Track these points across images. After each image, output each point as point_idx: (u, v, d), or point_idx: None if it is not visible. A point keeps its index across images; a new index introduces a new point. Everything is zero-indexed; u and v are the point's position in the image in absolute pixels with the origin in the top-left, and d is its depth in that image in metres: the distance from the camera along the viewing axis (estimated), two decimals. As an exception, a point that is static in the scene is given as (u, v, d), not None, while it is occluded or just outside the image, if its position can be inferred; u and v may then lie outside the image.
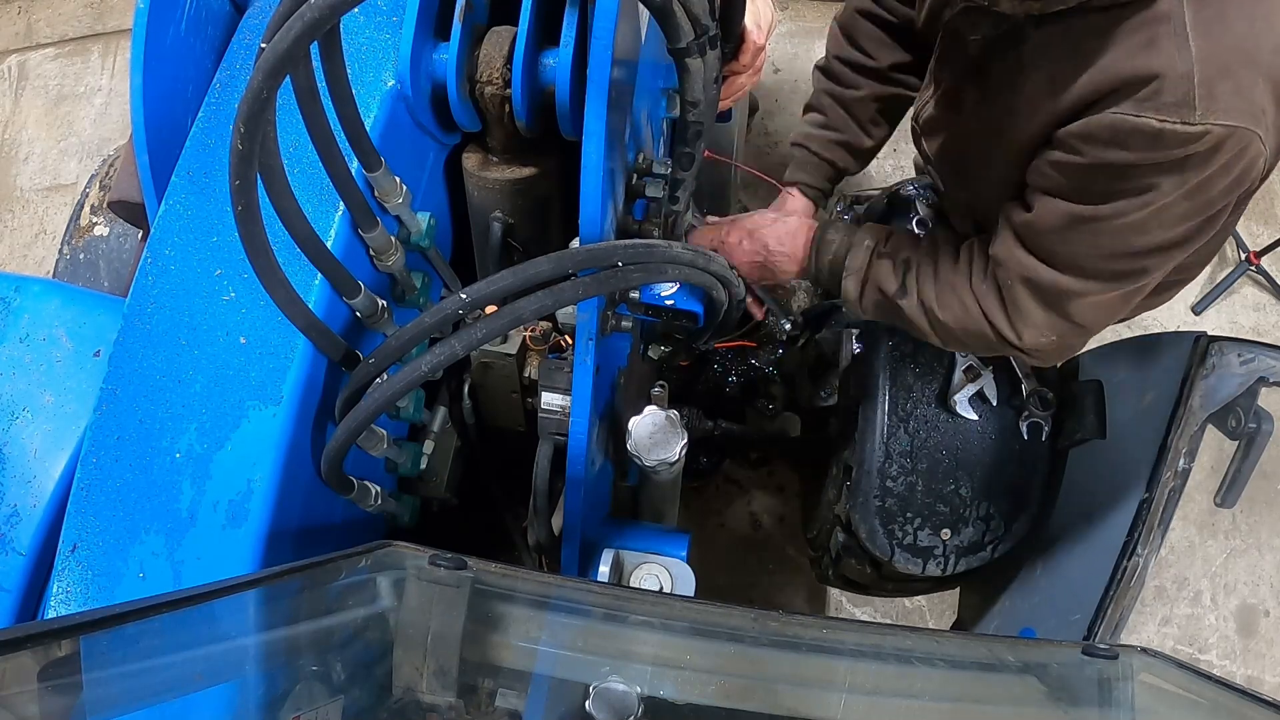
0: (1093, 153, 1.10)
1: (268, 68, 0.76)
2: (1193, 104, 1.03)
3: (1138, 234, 1.15)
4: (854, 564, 1.73)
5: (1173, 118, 1.03)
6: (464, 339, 1.00)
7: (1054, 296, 1.25)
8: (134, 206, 1.41)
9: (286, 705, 0.94)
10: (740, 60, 1.35)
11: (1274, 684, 2.43)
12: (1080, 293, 1.23)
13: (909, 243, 1.42)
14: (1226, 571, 2.54)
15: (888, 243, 1.42)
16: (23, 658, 0.66)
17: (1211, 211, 1.15)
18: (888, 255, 1.40)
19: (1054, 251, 1.22)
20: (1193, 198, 1.11)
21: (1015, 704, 1.16)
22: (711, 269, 1.17)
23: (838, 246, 1.44)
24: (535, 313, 1.02)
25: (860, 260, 1.42)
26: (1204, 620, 2.50)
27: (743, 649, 1.13)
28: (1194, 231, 1.17)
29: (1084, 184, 1.15)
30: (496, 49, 1.16)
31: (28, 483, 1.20)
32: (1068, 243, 1.20)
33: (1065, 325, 1.28)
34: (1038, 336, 1.29)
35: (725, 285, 1.22)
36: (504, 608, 1.12)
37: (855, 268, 1.42)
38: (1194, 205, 1.13)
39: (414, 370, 1.01)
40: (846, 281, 1.43)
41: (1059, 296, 1.24)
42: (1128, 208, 1.12)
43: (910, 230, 1.52)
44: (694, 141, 1.17)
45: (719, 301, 1.26)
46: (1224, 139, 1.04)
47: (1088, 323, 1.28)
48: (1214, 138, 1.04)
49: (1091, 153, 1.11)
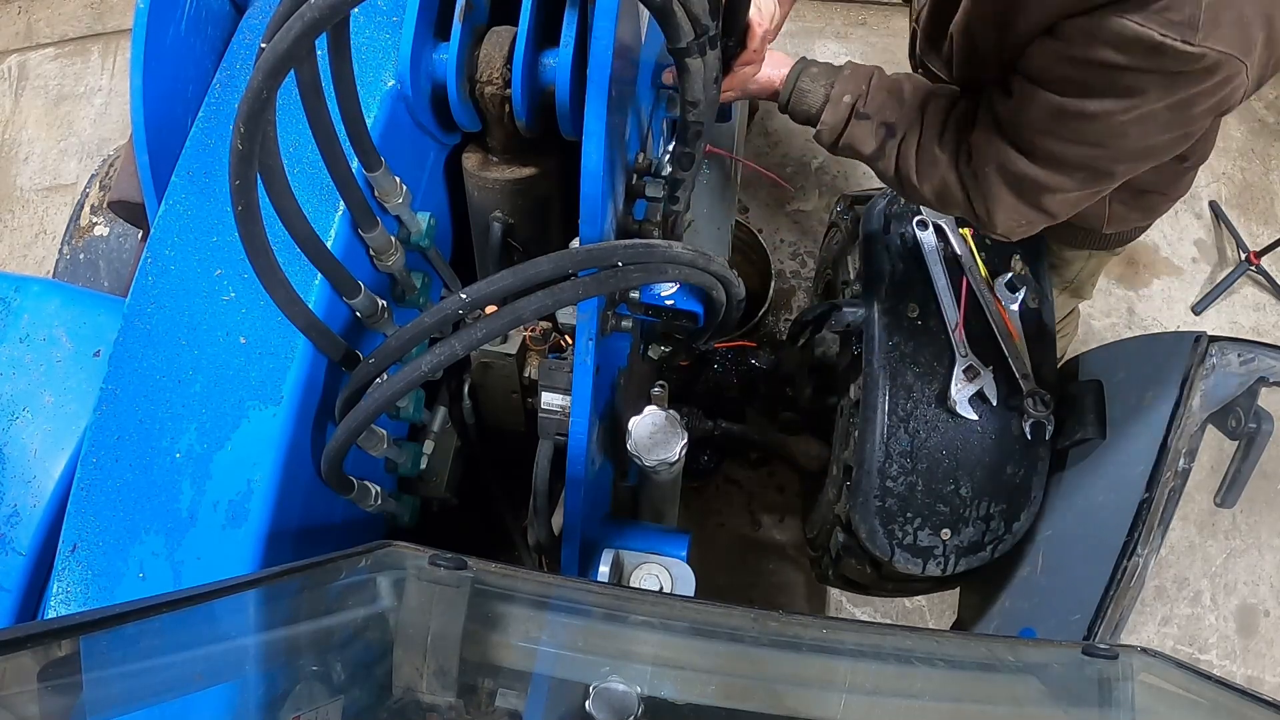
0: (1092, 50, 1.14)
1: (268, 67, 0.76)
2: (1197, 26, 1.07)
3: (1117, 137, 1.20)
4: (854, 564, 1.73)
5: (1175, 35, 1.07)
6: (464, 339, 1.00)
7: (1027, 187, 1.30)
8: (134, 206, 1.41)
9: (286, 705, 0.94)
10: (748, 48, 1.35)
11: (1274, 684, 2.43)
12: (1052, 188, 1.29)
13: (892, 101, 1.40)
14: (1226, 571, 2.54)
15: (868, 99, 1.40)
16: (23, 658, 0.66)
17: (1190, 128, 1.21)
18: (867, 117, 1.39)
19: (1033, 144, 1.26)
20: (1175, 111, 1.16)
21: (1015, 704, 1.16)
22: (711, 269, 1.17)
23: (812, 98, 1.42)
24: (535, 313, 1.02)
25: (837, 117, 1.41)
26: (1204, 620, 2.50)
27: (743, 649, 1.13)
28: (1169, 144, 1.24)
29: (1076, 77, 1.18)
30: (496, 49, 1.16)
31: (28, 483, 1.20)
32: (1048, 136, 1.24)
33: (1035, 213, 1.34)
34: (1008, 220, 1.35)
35: (725, 285, 1.22)
36: (504, 608, 1.12)
37: (831, 124, 1.42)
38: (1175, 118, 1.18)
39: (414, 370, 1.01)
40: (820, 133, 1.43)
41: (1032, 188, 1.30)
42: (1114, 108, 1.16)
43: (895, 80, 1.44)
44: (694, 141, 1.17)
45: (719, 301, 1.26)
46: (1217, 64, 1.10)
47: (1056, 212, 1.35)
48: (1209, 61, 1.09)
49: (1091, 49, 1.14)
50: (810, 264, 2.85)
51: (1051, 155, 1.26)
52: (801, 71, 1.43)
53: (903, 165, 1.39)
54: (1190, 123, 1.20)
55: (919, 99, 1.42)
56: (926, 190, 1.39)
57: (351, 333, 1.13)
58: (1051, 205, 1.33)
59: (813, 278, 2.54)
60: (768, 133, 3.02)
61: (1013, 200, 1.33)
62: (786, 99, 1.44)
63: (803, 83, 1.43)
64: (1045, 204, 1.32)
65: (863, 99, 1.40)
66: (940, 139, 1.38)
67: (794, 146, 3.01)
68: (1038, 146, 1.27)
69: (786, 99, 1.44)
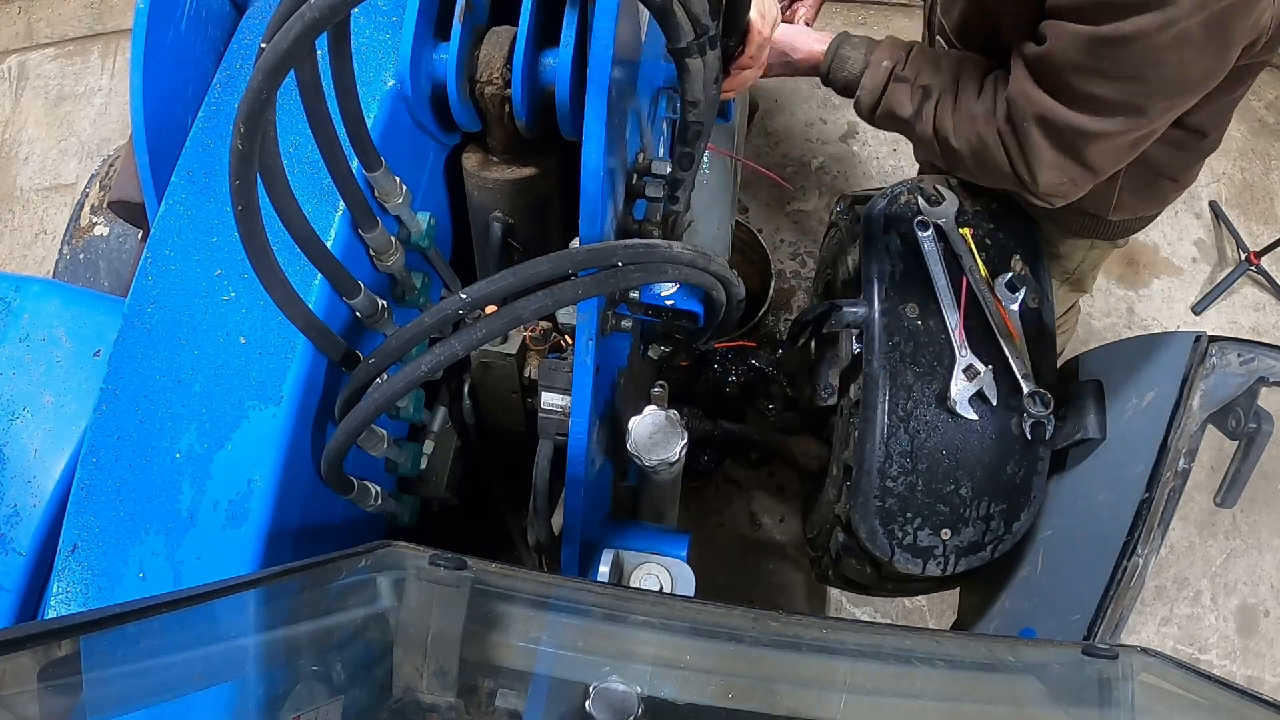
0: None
1: (268, 67, 0.76)
2: None
3: (1154, 65, 1.19)
4: (854, 564, 1.73)
5: None
6: (464, 339, 1.00)
7: (1068, 137, 1.29)
8: (134, 206, 1.41)
9: (286, 705, 0.94)
10: (746, 53, 1.36)
11: (1274, 684, 2.43)
12: (1094, 133, 1.27)
13: (929, 66, 1.44)
14: (1226, 571, 2.54)
15: (907, 64, 1.45)
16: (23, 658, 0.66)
17: (1225, 53, 1.19)
18: (905, 80, 1.44)
19: (1070, 85, 1.25)
20: (1209, 28, 1.15)
21: (1015, 704, 1.16)
22: (711, 269, 1.17)
23: (852, 64, 1.48)
24: (535, 313, 1.02)
25: (876, 80, 1.46)
26: (1204, 620, 2.50)
27: (743, 649, 1.13)
28: (1205, 74, 1.22)
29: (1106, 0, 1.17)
30: (496, 49, 1.16)
31: (28, 483, 1.20)
32: (1085, 75, 1.23)
33: (1078, 169, 1.33)
34: (1051, 178, 1.34)
35: (725, 285, 1.22)
36: (504, 608, 1.12)
37: (870, 86, 1.46)
38: (1210, 40, 1.16)
39: (414, 370, 1.01)
40: (860, 97, 1.48)
41: (1073, 137, 1.28)
42: (1148, 25, 1.14)
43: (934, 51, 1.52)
44: (694, 141, 1.17)
45: (719, 301, 1.26)
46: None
47: (1098, 165, 1.33)
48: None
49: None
50: (810, 264, 2.85)
51: (1090, 96, 1.25)
52: (842, 41, 1.50)
53: (940, 126, 1.41)
54: (1226, 47, 1.18)
55: (955, 62, 1.45)
56: (965, 151, 1.40)
57: (351, 333, 1.13)
58: (1094, 156, 1.31)
59: (813, 278, 2.54)
60: (768, 133, 3.02)
61: (1054, 155, 1.32)
62: (828, 67, 1.50)
63: (844, 50, 1.49)
64: (1088, 156, 1.31)
65: (900, 63, 1.45)
66: (978, 97, 1.39)
67: (794, 146, 3.01)
68: (1076, 89, 1.25)
69: (828, 67, 1.50)
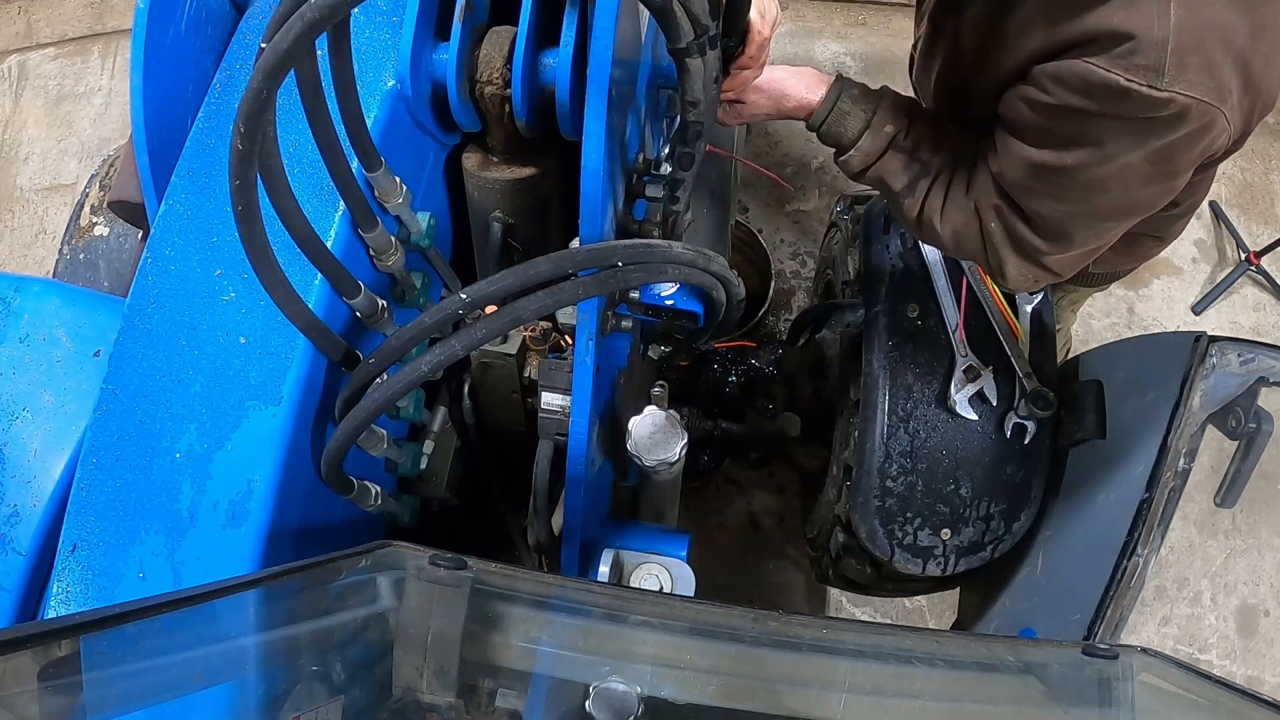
0: (1060, 94, 1.12)
1: (268, 67, 0.76)
2: (1162, 71, 1.05)
3: (1097, 192, 1.18)
4: (854, 564, 1.73)
5: (1141, 80, 1.05)
6: (464, 339, 1.00)
7: (1025, 247, 1.29)
8: (134, 206, 1.41)
9: (286, 705, 0.94)
10: (746, 53, 1.35)
11: (1274, 684, 2.43)
12: (1045, 249, 1.28)
13: (929, 139, 1.36)
14: (1226, 571, 2.54)
15: (909, 133, 1.35)
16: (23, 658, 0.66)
17: (1173, 181, 1.19)
18: (905, 151, 1.35)
19: (1021, 204, 1.25)
20: (1155, 163, 1.14)
21: (1015, 704, 1.16)
22: (711, 269, 1.17)
23: (852, 120, 1.35)
24: (535, 313, 1.02)
25: (876, 145, 1.35)
26: (1204, 620, 2.50)
27: (743, 649, 1.13)
28: (1153, 196, 1.21)
29: (1048, 126, 1.16)
30: (496, 49, 1.16)
31: (28, 483, 1.20)
32: (1032, 195, 1.23)
33: (1039, 271, 1.33)
34: (1017, 275, 1.34)
35: (725, 285, 1.22)
36: (504, 608, 1.12)
37: (868, 150, 1.36)
38: (1156, 171, 1.15)
39: (414, 370, 1.01)
40: (851, 158, 1.37)
41: (1028, 248, 1.29)
42: (1089, 159, 1.14)
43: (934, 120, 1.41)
44: (694, 141, 1.17)
45: (719, 301, 1.26)
46: (1187, 109, 1.07)
47: (1059, 271, 1.33)
48: (1178, 106, 1.07)
49: (1059, 94, 1.12)
50: (810, 264, 2.85)
51: (1039, 215, 1.24)
52: (843, 91, 1.37)
53: (928, 206, 1.35)
54: (1173, 175, 1.17)
55: (954, 142, 1.37)
56: (946, 235, 1.35)
57: (351, 333, 1.13)
58: (1052, 265, 1.31)
59: (813, 278, 2.54)
60: (768, 133, 3.02)
61: (1015, 257, 1.31)
62: (823, 118, 1.37)
63: (844, 104, 1.36)
64: (1046, 263, 1.30)
65: (903, 131, 1.35)
66: (966, 191, 1.34)
67: (794, 146, 3.01)
68: (1025, 206, 1.25)
69: (823, 118, 1.37)
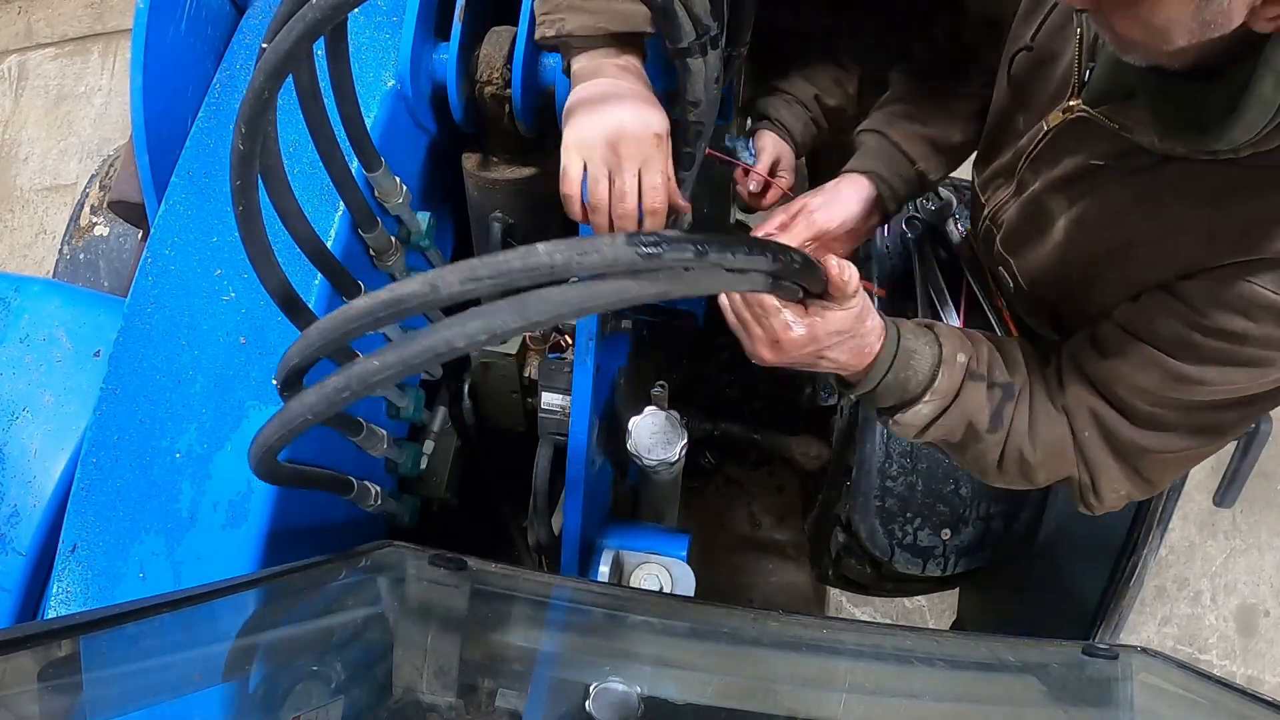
0: (1215, 315, 0.99)
1: (269, 68, 0.76)
2: None
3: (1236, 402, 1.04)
4: (854, 564, 1.73)
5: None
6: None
7: (1130, 451, 1.10)
8: (134, 206, 1.41)
9: (286, 705, 0.94)
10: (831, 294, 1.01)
11: (1274, 684, 2.43)
12: (1158, 449, 1.09)
13: (998, 361, 1.14)
14: (1226, 571, 2.54)
15: (978, 360, 1.12)
16: (23, 658, 0.66)
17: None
18: (981, 379, 1.11)
19: (1135, 407, 1.07)
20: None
21: (1015, 704, 1.16)
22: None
23: (920, 360, 1.08)
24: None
25: (952, 382, 1.09)
26: (1204, 620, 2.50)
27: (743, 649, 1.13)
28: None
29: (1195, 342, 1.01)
30: (496, 49, 1.16)
31: (28, 483, 1.20)
32: (1155, 401, 1.06)
33: (1137, 480, 1.12)
34: (1111, 493, 1.14)
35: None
36: (504, 608, 1.12)
37: (945, 390, 1.10)
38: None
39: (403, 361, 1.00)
40: (922, 407, 1.09)
41: (1135, 451, 1.09)
42: (1238, 377, 1.01)
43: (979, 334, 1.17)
44: (694, 141, 1.17)
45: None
46: None
47: (1158, 480, 1.14)
48: None
49: (1214, 315, 0.99)
50: (810, 264, 2.85)
51: (1155, 419, 1.07)
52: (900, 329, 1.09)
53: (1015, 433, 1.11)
54: None
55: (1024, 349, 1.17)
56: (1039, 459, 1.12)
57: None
58: (1155, 470, 1.11)
59: (813, 278, 2.53)
60: (768, 133, 3.02)
61: (1115, 465, 1.11)
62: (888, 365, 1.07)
63: (907, 341, 1.08)
64: (1146, 468, 1.11)
65: (975, 358, 1.11)
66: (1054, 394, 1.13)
67: (794, 146, 3.01)
68: (1140, 410, 1.07)
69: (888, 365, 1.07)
